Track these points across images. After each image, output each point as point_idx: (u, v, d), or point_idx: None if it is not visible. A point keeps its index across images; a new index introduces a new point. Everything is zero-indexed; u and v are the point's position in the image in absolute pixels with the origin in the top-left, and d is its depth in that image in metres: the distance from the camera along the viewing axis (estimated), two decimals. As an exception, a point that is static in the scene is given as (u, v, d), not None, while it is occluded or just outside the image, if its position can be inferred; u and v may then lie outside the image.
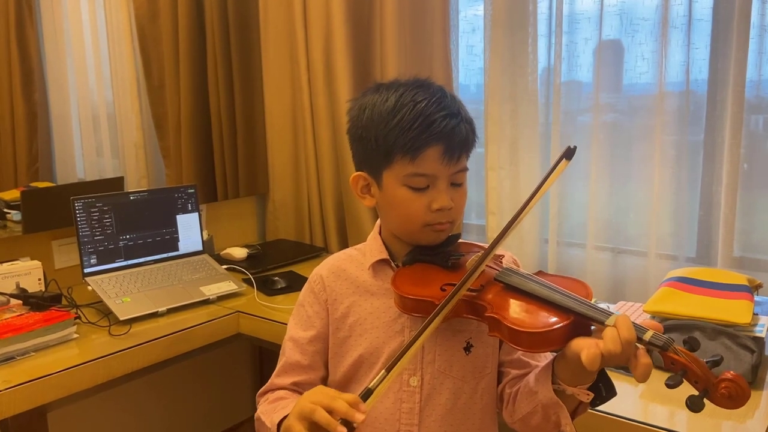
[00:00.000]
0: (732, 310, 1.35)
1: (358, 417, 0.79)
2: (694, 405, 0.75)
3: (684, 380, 0.77)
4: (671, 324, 1.37)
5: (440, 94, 0.96)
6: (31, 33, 2.14)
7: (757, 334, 1.32)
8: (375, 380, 0.83)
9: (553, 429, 0.91)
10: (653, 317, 1.43)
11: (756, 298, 1.46)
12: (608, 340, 0.77)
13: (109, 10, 2.31)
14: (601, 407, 1.18)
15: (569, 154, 0.92)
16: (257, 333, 1.75)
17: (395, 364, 0.83)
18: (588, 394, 0.86)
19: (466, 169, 0.99)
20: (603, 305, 1.69)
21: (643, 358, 0.77)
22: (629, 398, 1.27)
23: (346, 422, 0.80)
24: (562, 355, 0.85)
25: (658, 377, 0.82)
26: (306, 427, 0.83)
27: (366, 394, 0.82)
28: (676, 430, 1.14)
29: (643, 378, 0.77)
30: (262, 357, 2.51)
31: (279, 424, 0.95)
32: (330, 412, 0.81)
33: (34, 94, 2.18)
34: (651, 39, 1.72)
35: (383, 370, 0.83)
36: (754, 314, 1.37)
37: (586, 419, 1.18)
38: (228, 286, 1.87)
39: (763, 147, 1.67)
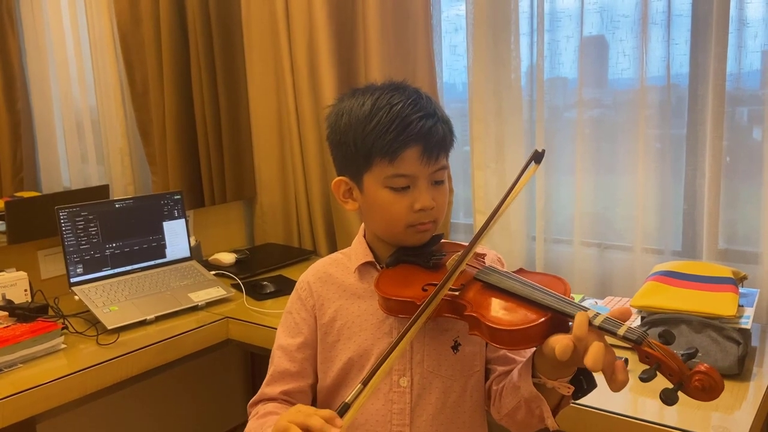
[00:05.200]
0: (717, 303, 1.36)
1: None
2: (667, 398, 0.76)
3: (658, 373, 0.78)
4: (657, 318, 1.38)
5: (416, 96, 0.97)
6: (12, 41, 2.13)
7: (743, 326, 1.33)
8: (352, 394, 0.82)
9: (538, 423, 0.92)
10: (640, 311, 1.44)
11: (741, 290, 1.47)
12: (575, 326, 0.79)
13: (91, 17, 2.29)
14: (591, 403, 1.20)
15: (538, 157, 0.93)
16: (247, 338, 1.74)
17: (371, 377, 0.83)
18: (569, 388, 0.87)
19: (445, 168, 1.00)
20: (590, 301, 1.71)
21: (621, 375, 0.79)
22: (619, 393, 1.27)
23: None
24: (539, 350, 0.86)
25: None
26: None
27: (343, 409, 0.82)
28: (666, 423, 1.15)
29: (618, 390, 0.80)
30: (253, 362, 2.50)
31: None
32: (305, 429, 0.81)
33: (17, 103, 2.16)
34: (631, 35, 1.74)
35: (359, 384, 0.83)
36: (739, 306, 1.38)
37: (576, 415, 1.19)
38: (217, 291, 1.86)
39: (745, 139, 1.69)
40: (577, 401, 1.02)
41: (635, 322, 1.46)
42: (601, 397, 1.17)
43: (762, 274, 1.62)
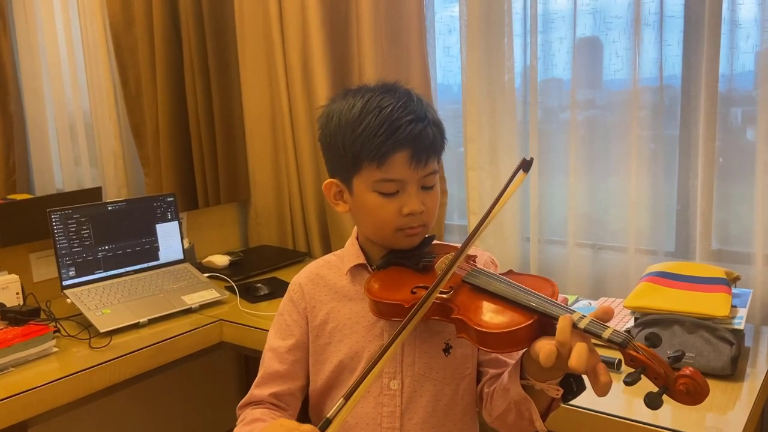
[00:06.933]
0: (710, 304, 1.36)
1: None
2: (652, 402, 0.75)
3: (643, 377, 0.77)
4: (651, 318, 1.38)
5: (406, 98, 0.96)
6: (5, 43, 2.12)
7: (736, 327, 1.33)
8: (333, 409, 0.82)
9: (529, 425, 0.92)
10: (633, 312, 1.44)
11: (734, 290, 1.48)
12: (557, 331, 0.79)
13: (84, 20, 2.28)
14: (585, 404, 1.19)
15: (526, 166, 0.92)
16: (241, 341, 1.74)
17: (354, 391, 0.83)
18: (557, 390, 0.86)
19: (435, 172, 0.99)
20: (584, 302, 1.71)
21: (603, 377, 0.78)
22: (612, 394, 1.27)
23: None
24: (528, 352, 0.86)
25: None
26: None
27: (324, 424, 0.82)
28: (659, 424, 1.15)
29: (602, 394, 0.79)
30: (246, 365, 2.49)
31: None
32: None
33: (10, 105, 2.15)
34: (624, 37, 1.74)
35: (341, 398, 0.83)
36: (732, 306, 1.38)
37: (569, 416, 1.19)
38: (210, 294, 1.85)
39: (738, 140, 1.69)
40: (571, 402, 1.02)
41: (629, 323, 1.46)
42: (594, 398, 1.16)
43: (755, 274, 1.62)
